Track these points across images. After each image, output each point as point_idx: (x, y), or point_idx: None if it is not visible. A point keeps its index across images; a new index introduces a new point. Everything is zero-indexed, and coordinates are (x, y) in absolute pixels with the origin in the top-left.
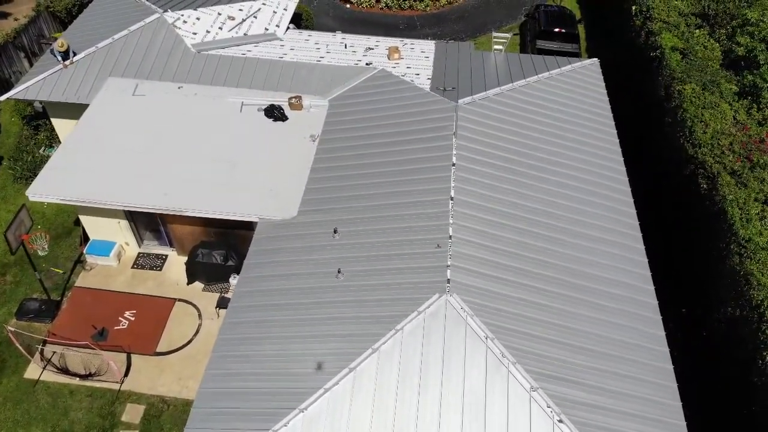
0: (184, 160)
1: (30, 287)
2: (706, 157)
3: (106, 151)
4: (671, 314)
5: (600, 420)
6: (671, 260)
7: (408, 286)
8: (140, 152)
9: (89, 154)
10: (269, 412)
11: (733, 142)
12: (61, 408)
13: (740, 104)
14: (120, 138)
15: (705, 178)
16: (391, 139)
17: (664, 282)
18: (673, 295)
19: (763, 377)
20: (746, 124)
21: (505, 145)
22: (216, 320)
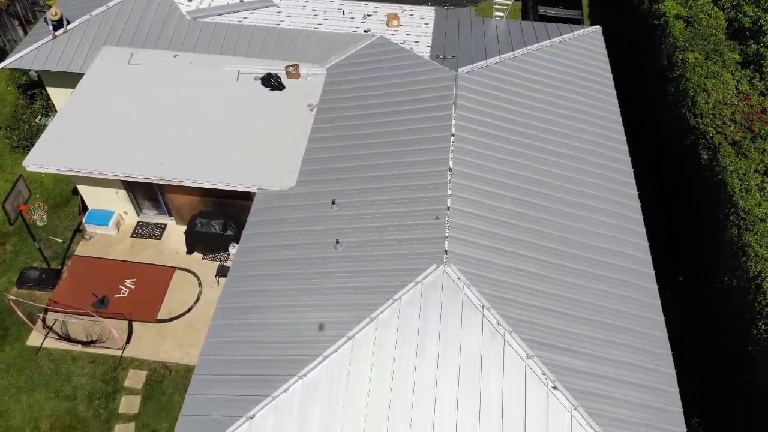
0: (181, 130)
1: (30, 256)
2: (707, 127)
3: (103, 121)
4: (669, 283)
5: (594, 387)
6: (671, 231)
7: (406, 257)
8: (136, 121)
9: (85, 123)
10: (269, 378)
11: (735, 112)
12: (64, 374)
13: (743, 74)
14: (116, 107)
15: (706, 149)
16: (389, 109)
17: (662, 252)
18: (672, 265)
19: (758, 347)
20: (748, 95)
21: (505, 114)
22: (216, 288)
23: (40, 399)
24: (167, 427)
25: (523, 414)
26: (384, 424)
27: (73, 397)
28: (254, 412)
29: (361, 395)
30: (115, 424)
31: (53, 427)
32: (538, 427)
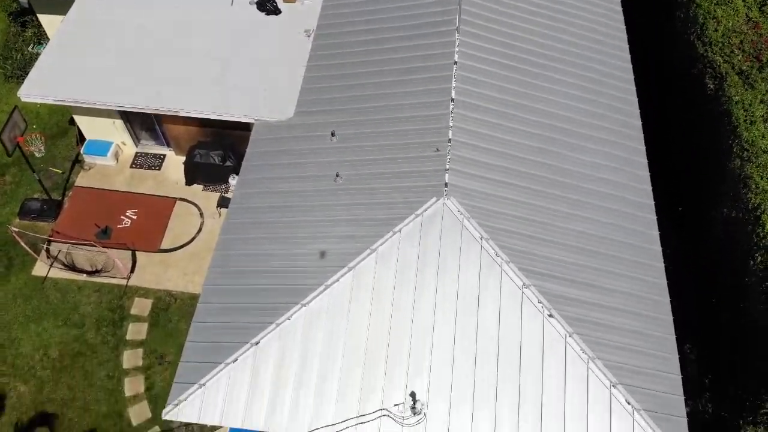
0: (176, 57)
1: (30, 187)
2: (715, 56)
3: (96, 49)
4: (668, 214)
5: (589, 314)
6: (673, 161)
7: (406, 190)
8: (130, 49)
9: (78, 51)
10: (273, 306)
11: (744, 41)
12: (71, 303)
13: (754, 0)
14: (109, 34)
15: (712, 78)
16: (389, 35)
17: (663, 182)
18: (672, 195)
19: (754, 278)
20: (758, 22)
21: (510, 41)
22: (217, 219)
23: (48, 327)
24: (174, 352)
25: (518, 341)
26: (384, 351)
27: (81, 325)
28: (259, 339)
29: (362, 322)
30: (123, 350)
31: (63, 354)
32: (533, 353)
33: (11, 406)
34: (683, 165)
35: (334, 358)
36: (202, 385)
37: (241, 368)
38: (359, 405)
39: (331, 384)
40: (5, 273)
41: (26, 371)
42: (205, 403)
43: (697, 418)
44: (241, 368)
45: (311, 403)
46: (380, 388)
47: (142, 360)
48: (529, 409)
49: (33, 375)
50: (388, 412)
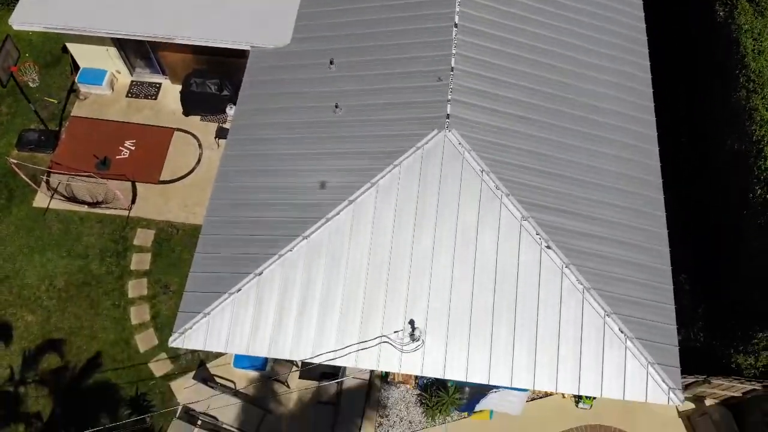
0: None
1: (26, 117)
2: None
3: None
4: (671, 145)
5: (586, 246)
6: (678, 92)
7: (407, 122)
8: None
9: None
10: (274, 238)
11: None
12: (74, 234)
13: None
14: None
15: (723, 6)
16: None
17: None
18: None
19: (752, 210)
20: None
21: None
22: (216, 150)
23: (52, 258)
24: (178, 281)
25: (515, 272)
26: (384, 281)
27: (85, 256)
28: (262, 269)
29: (363, 254)
30: (128, 280)
31: (68, 284)
32: (530, 284)
33: (19, 335)
34: (688, 95)
35: (336, 288)
36: (206, 314)
37: (245, 298)
38: (360, 332)
39: (332, 312)
40: (6, 205)
41: (33, 301)
42: (210, 331)
43: (689, 347)
44: (244, 298)
45: (313, 331)
46: (380, 315)
47: (146, 289)
48: (524, 337)
49: (39, 305)
50: (388, 339)
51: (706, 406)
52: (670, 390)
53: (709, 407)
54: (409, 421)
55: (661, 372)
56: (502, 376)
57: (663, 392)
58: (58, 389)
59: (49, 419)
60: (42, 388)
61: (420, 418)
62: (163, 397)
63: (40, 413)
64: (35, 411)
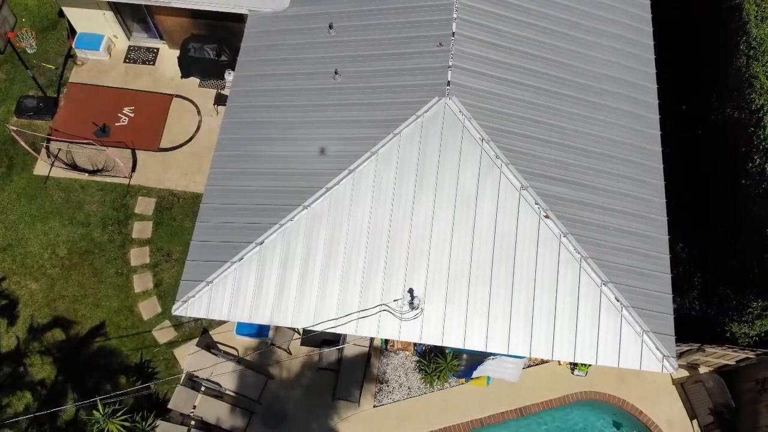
0: None
1: (24, 84)
2: None
3: None
4: (671, 113)
5: (585, 215)
6: (680, 58)
7: (407, 89)
8: None
9: None
10: (275, 208)
11: None
12: (75, 202)
13: None
14: None
15: None
16: None
17: (668, 80)
18: (677, 94)
19: (751, 180)
20: None
21: None
22: (215, 117)
23: (54, 226)
24: (180, 250)
25: (513, 241)
26: (383, 251)
27: (87, 224)
28: (263, 239)
29: (363, 223)
30: (130, 248)
31: (71, 252)
32: (528, 253)
33: (24, 303)
34: (689, 62)
35: (336, 257)
36: (209, 282)
37: (247, 266)
38: (360, 300)
39: (333, 281)
40: (6, 173)
41: (36, 269)
42: (212, 299)
43: (685, 315)
44: (246, 266)
45: (314, 299)
46: (380, 284)
47: (149, 257)
48: (521, 306)
49: (43, 273)
50: (388, 307)
51: (700, 374)
52: (664, 358)
53: (703, 375)
54: (408, 387)
55: (655, 340)
56: (499, 343)
57: (657, 360)
58: (64, 356)
59: (54, 385)
60: (47, 355)
61: (419, 384)
62: (168, 363)
63: (45, 380)
64: (40, 378)
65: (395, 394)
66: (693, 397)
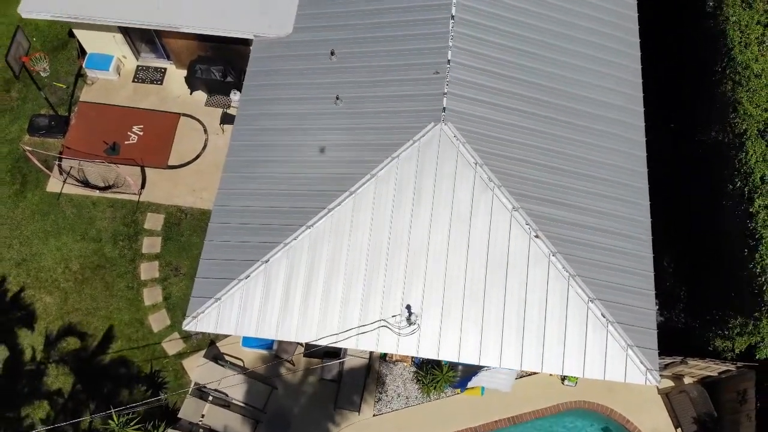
0: None
1: (36, 103)
2: None
3: None
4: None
5: (573, 235)
6: (668, 81)
7: (405, 114)
8: None
9: None
10: (280, 228)
11: None
12: (87, 218)
13: None
14: None
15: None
16: None
17: (657, 102)
18: (664, 113)
19: (731, 201)
20: None
21: None
22: (221, 135)
23: (67, 241)
24: (188, 264)
25: (505, 261)
26: (382, 269)
27: (99, 239)
28: (268, 257)
29: (362, 242)
30: (140, 263)
31: (84, 267)
32: (519, 271)
33: (38, 315)
34: (677, 85)
35: (338, 274)
36: (218, 299)
37: (253, 284)
38: (360, 316)
39: (335, 297)
40: (20, 190)
41: (50, 283)
42: (221, 315)
43: (671, 328)
44: (253, 284)
45: (317, 315)
46: (379, 300)
47: (158, 272)
48: (512, 322)
49: (57, 287)
50: (386, 323)
51: (685, 385)
52: (648, 371)
53: (687, 385)
54: (406, 396)
55: (639, 354)
56: (491, 357)
57: (641, 373)
58: (77, 367)
59: (68, 395)
60: (62, 365)
61: (416, 393)
62: (176, 374)
63: (61, 390)
64: (57, 388)
65: (394, 404)
66: (677, 407)
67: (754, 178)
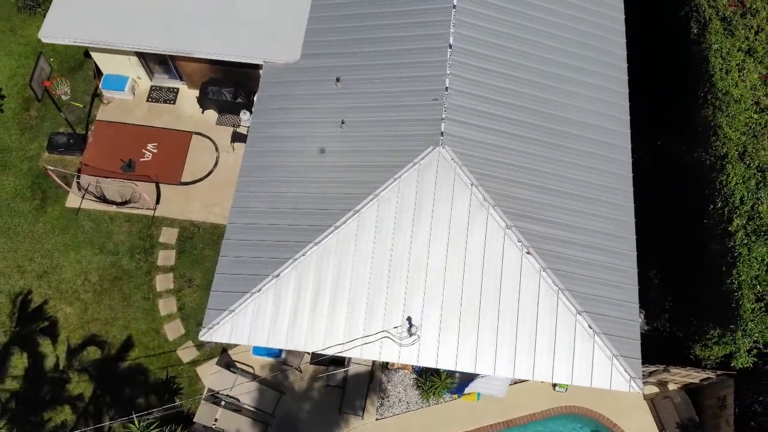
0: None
1: (54, 121)
2: (702, 0)
3: None
4: (647, 154)
5: (562, 251)
6: (657, 105)
7: (406, 138)
8: None
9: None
10: (289, 244)
11: None
12: (105, 232)
13: None
14: None
15: (697, 23)
16: None
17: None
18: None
19: (712, 221)
20: None
21: None
22: (231, 153)
23: (86, 254)
24: (201, 276)
25: (499, 276)
26: (385, 282)
27: (116, 252)
28: (279, 272)
29: (366, 258)
30: (155, 275)
31: (102, 278)
32: (512, 285)
33: (60, 325)
34: (665, 108)
35: (343, 288)
36: (232, 311)
37: (265, 297)
38: (364, 327)
39: (340, 310)
40: (41, 205)
41: (70, 294)
42: (235, 326)
43: (656, 337)
44: (264, 297)
45: (324, 326)
46: (381, 312)
47: (173, 283)
48: (505, 333)
49: (77, 298)
50: (389, 334)
51: (669, 391)
52: (632, 379)
53: (671, 392)
54: (407, 401)
55: (623, 363)
56: (486, 365)
57: (625, 381)
58: (97, 374)
59: (89, 400)
60: (82, 373)
61: (416, 399)
62: (191, 380)
63: (82, 395)
64: (77, 393)
65: (395, 408)
66: (662, 412)
67: (734, 199)
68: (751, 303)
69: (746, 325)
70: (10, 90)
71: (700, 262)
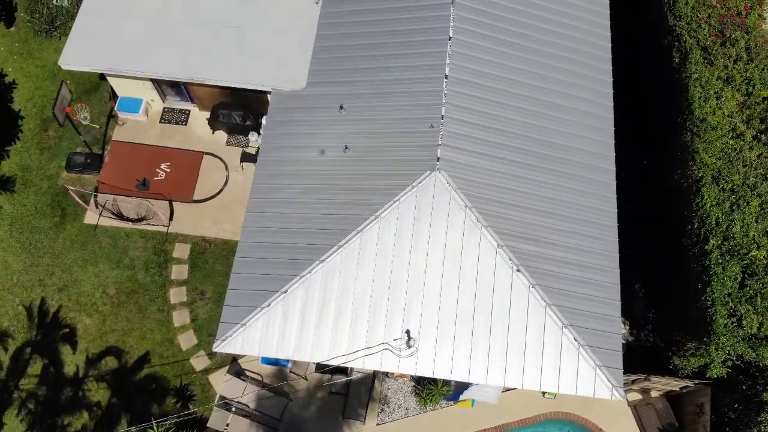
0: (196, 26)
1: (72, 141)
2: (683, 31)
3: (123, 16)
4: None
5: (550, 269)
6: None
7: (405, 163)
8: (153, 16)
9: (108, 19)
10: (297, 262)
11: (712, 15)
12: (121, 248)
13: None
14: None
15: (678, 52)
16: (390, 5)
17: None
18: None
19: (690, 240)
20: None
21: (503, 14)
22: (241, 172)
23: (104, 269)
24: (212, 289)
25: (491, 291)
26: (385, 298)
27: (132, 267)
28: (287, 288)
29: (368, 275)
30: (169, 288)
31: (119, 291)
32: (503, 301)
33: (80, 336)
34: (650, 135)
35: (347, 303)
36: (243, 324)
37: (274, 311)
38: (366, 339)
39: (344, 323)
40: (60, 222)
41: (89, 306)
42: (246, 338)
43: (640, 347)
44: (273, 311)
45: (329, 338)
46: (382, 326)
47: (186, 296)
48: (497, 344)
49: (95, 310)
50: (389, 346)
51: (651, 398)
52: (614, 388)
53: (653, 399)
54: (405, 408)
55: (606, 373)
56: (479, 375)
57: (608, 390)
58: (115, 382)
59: (108, 407)
60: (101, 381)
61: (414, 405)
62: (203, 388)
63: (100, 402)
64: (96, 400)
65: (395, 414)
66: (644, 418)
67: (710, 220)
68: (723, 319)
69: (719, 339)
70: (29, 111)
71: (679, 278)
